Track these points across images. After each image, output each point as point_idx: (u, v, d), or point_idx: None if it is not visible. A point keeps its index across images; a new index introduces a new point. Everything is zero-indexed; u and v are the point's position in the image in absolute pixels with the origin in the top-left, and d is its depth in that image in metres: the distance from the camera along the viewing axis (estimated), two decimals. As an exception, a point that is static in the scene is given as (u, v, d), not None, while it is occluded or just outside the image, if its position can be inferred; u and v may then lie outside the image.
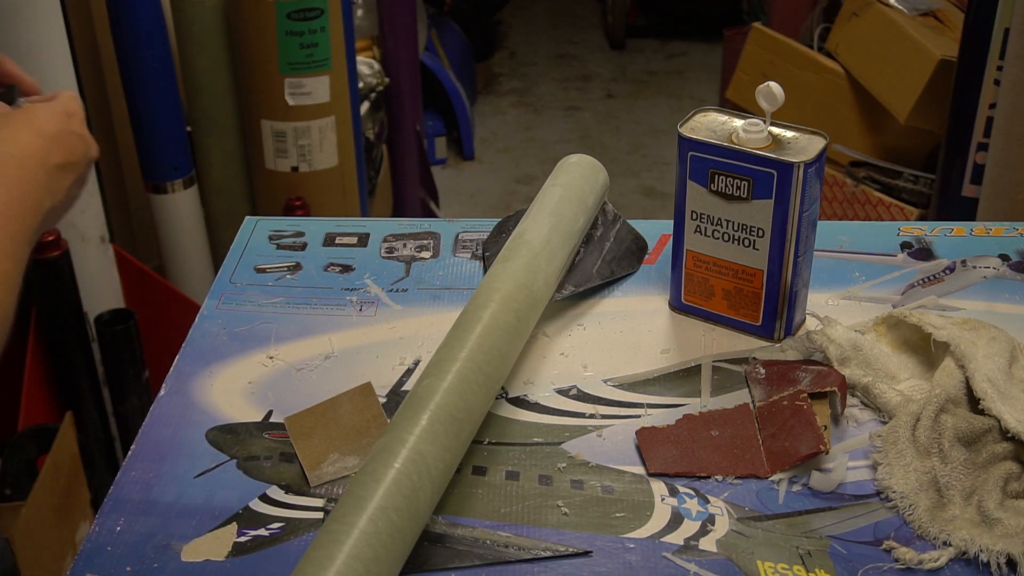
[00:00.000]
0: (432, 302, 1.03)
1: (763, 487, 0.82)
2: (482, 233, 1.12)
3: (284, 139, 2.06)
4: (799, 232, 0.92)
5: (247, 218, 1.17)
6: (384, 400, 0.90)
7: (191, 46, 2.05)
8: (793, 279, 0.95)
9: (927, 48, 2.30)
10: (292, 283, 1.06)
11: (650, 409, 0.90)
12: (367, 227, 1.15)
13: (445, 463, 0.76)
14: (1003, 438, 0.82)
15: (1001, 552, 0.75)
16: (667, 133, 3.66)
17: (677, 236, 0.99)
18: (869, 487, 0.82)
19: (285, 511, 0.80)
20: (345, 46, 2.07)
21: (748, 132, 0.93)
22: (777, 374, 0.90)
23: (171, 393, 0.92)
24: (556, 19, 4.72)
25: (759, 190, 0.91)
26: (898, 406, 0.86)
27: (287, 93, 2.02)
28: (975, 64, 1.98)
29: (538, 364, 0.95)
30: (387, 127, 2.61)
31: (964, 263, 1.07)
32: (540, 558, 0.76)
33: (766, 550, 0.76)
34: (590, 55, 4.38)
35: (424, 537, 0.76)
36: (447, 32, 3.60)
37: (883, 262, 1.08)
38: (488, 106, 3.96)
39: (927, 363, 0.93)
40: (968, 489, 0.80)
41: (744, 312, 0.97)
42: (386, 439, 0.76)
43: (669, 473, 0.83)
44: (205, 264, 2.19)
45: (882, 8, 2.45)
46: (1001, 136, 1.88)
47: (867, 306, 1.02)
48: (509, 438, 0.87)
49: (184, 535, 0.78)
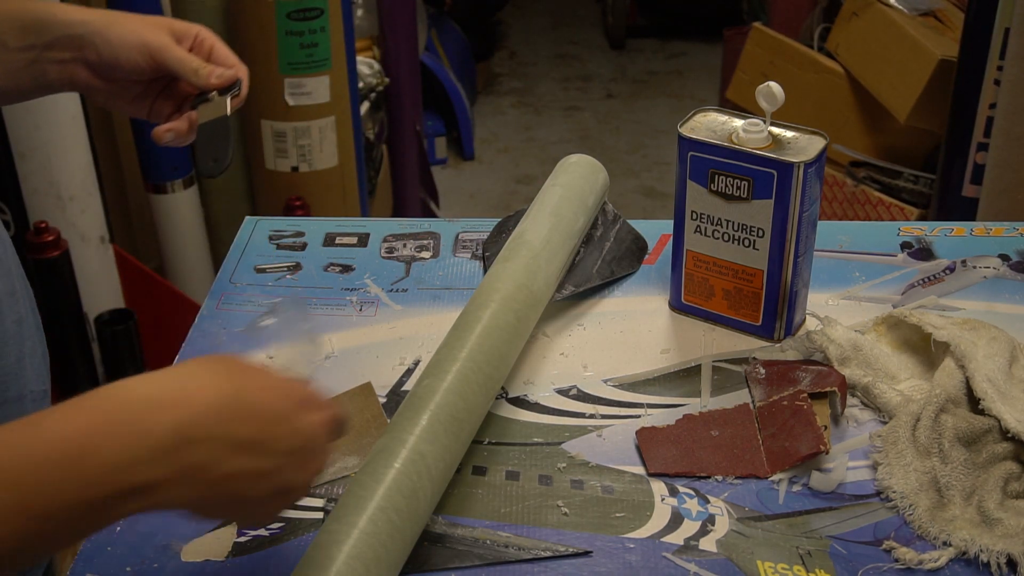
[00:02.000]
0: (432, 302, 1.03)
1: (763, 487, 0.82)
2: (482, 233, 1.12)
3: (284, 139, 2.06)
4: (799, 232, 0.92)
5: (247, 218, 1.17)
6: (384, 400, 0.90)
7: (191, 46, 2.05)
8: (793, 279, 0.95)
9: (927, 48, 2.30)
10: (292, 283, 1.06)
11: (650, 409, 0.90)
12: (367, 227, 1.15)
13: (445, 463, 0.76)
14: (1003, 438, 0.82)
15: (1001, 552, 0.75)
16: (667, 133, 3.66)
17: (677, 236, 0.99)
18: (869, 487, 0.82)
19: (285, 511, 0.80)
20: (345, 46, 2.07)
21: (748, 132, 0.93)
22: (777, 374, 0.90)
23: (171, 393, 0.92)
24: (556, 19, 4.72)
25: (759, 190, 0.91)
26: (898, 406, 0.86)
27: (287, 93, 2.02)
28: (975, 64, 1.98)
29: (538, 364, 0.95)
30: (387, 127, 2.61)
31: (964, 263, 1.07)
32: (540, 558, 0.76)
33: (766, 550, 0.76)
34: (590, 55, 4.38)
35: (424, 537, 0.76)
36: (447, 32, 3.60)
37: (883, 262, 1.08)
38: (488, 106, 3.96)
39: (927, 363, 0.92)
40: (968, 489, 0.80)
41: (744, 312, 0.97)
42: (386, 439, 0.76)
43: (669, 473, 0.83)
44: (205, 264, 2.19)
45: (882, 8, 2.45)
46: (1001, 136, 1.88)
47: (867, 306, 1.02)
48: (509, 438, 0.87)
49: (184, 535, 0.78)
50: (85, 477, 0.51)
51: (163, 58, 0.83)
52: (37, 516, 0.50)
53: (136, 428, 0.52)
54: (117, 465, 0.51)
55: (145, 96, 0.87)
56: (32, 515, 0.50)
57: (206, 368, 0.57)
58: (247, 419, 0.56)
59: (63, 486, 0.50)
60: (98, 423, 0.52)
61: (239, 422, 0.55)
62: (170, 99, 0.88)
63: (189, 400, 0.54)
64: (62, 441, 0.51)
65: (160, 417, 0.53)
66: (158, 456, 0.52)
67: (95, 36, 0.81)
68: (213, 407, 0.55)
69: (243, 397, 0.56)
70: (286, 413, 0.58)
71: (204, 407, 0.54)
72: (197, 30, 0.86)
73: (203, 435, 0.54)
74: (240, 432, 0.55)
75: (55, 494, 0.50)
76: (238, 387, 0.56)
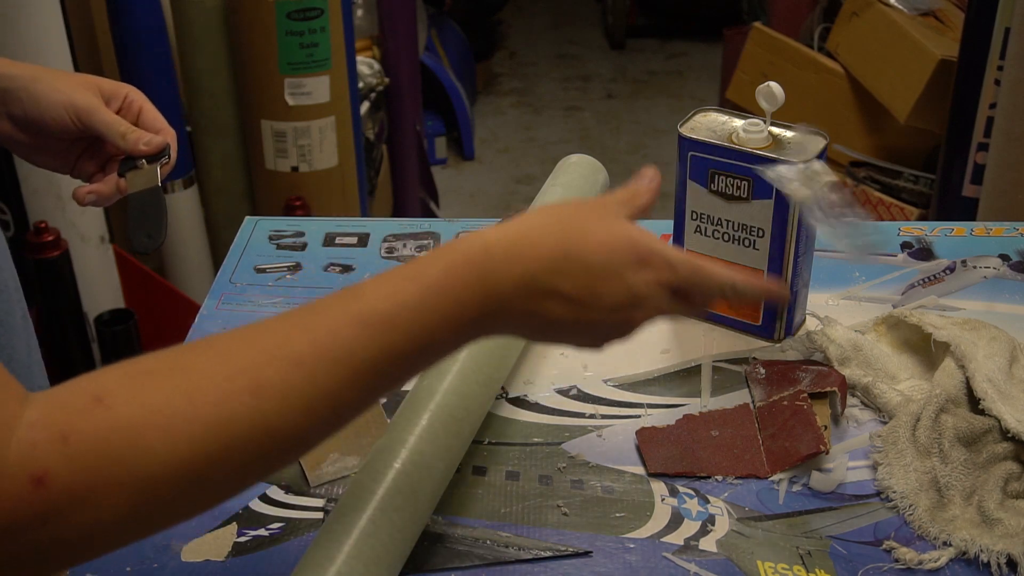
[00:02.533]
0: (432, 302, 1.03)
1: (763, 487, 0.82)
2: (482, 233, 1.12)
3: (284, 139, 2.06)
4: (799, 232, 0.92)
5: (247, 218, 1.17)
6: (384, 400, 0.90)
7: (191, 46, 2.05)
8: (793, 279, 0.95)
9: (927, 48, 2.30)
10: (292, 283, 1.06)
11: (650, 409, 0.90)
12: (367, 227, 1.15)
13: (445, 463, 0.76)
14: (1003, 438, 0.82)
15: (1001, 552, 0.75)
16: (667, 133, 3.66)
17: (677, 236, 0.99)
18: (869, 487, 0.82)
19: (285, 511, 0.80)
20: (345, 46, 2.07)
21: (748, 132, 0.92)
22: (777, 374, 0.90)
23: (171, 393, 0.92)
24: (556, 19, 4.72)
25: (759, 190, 0.91)
26: (898, 406, 0.86)
27: (287, 93, 2.02)
28: (975, 64, 1.98)
29: (538, 364, 0.95)
30: (387, 127, 2.61)
31: (964, 263, 1.07)
32: (540, 558, 0.76)
33: (766, 550, 0.76)
34: (590, 55, 4.38)
35: (424, 537, 0.76)
36: (447, 32, 3.60)
37: (883, 262, 1.08)
38: (488, 106, 3.95)
39: (927, 363, 0.92)
40: (968, 489, 0.80)
41: (744, 312, 0.97)
42: (386, 439, 0.76)
43: (669, 473, 0.83)
44: (205, 264, 2.19)
45: (882, 8, 2.45)
46: (1001, 136, 1.88)
47: (867, 306, 1.02)
48: (509, 438, 0.87)
49: (184, 535, 0.78)
50: (444, 313, 0.57)
51: (90, 120, 0.81)
52: (397, 356, 0.56)
53: (488, 279, 0.59)
54: (467, 305, 0.58)
55: (69, 153, 0.86)
56: (393, 355, 0.56)
57: (548, 220, 0.62)
58: (577, 274, 0.60)
59: (429, 319, 0.57)
60: (459, 264, 0.58)
61: (569, 277, 0.60)
62: (94, 158, 0.86)
63: (527, 256, 0.60)
64: (433, 282, 0.58)
65: (508, 269, 0.59)
66: (502, 305, 0.59)
67: (21, 92, 0.80)
68: (546, 262, 0.59)
69: (574, 253, 0.60)
70: (616, 269, 0.61)
71: (537, 263, 0.59)
72: (127, 91, 0.85)
73: (537, 289, 0.59)
74: (567, 287, 0.60)
75: (426, 326, 0.57)
76: (573, 242, 0.60)
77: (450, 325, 0.58)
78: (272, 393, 0.52)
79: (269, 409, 0.52)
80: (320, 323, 0.55)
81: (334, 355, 0.54)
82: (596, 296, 0.60)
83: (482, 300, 0.58)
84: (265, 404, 0.52)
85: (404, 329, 0.56)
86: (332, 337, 0.54)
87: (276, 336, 0.54)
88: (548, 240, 0.60)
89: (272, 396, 0.52)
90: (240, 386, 0.52)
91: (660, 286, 0.62)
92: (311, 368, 0.53)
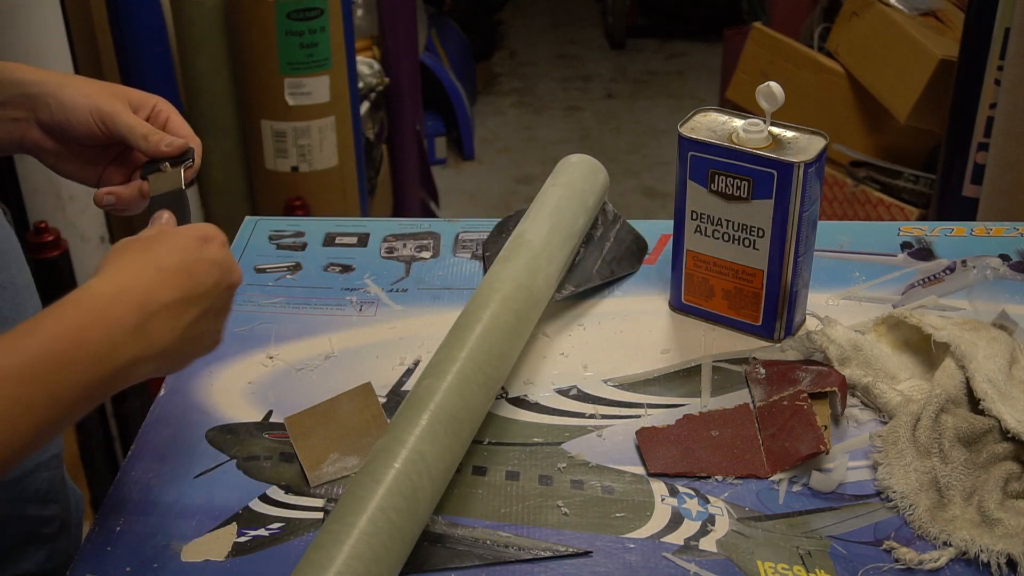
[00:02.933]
0: (432, 302, 1.03)
1: (763, 487, 0.82)
2: (482, 233, 1.12)
3: (284, 139, 2.06)
4: (799, 232, 0.92)
5: (247, 218, 1.17)
6: (384, 400, 0.90)
7: (191, 46, 2.05)
8: (793, 279, 0.95)
9: (927, 48, 2.30)
10: (292, 283, 1.06)
11: (650, 409, 0.90)
12: (367, 227, 1.15)
13: (445, 463, 0.76)
14: (1003, 438, 0.82)
15: (1001, 552, 0.75)
16: (667, 133, 3.66)
17: (677, 236, 0.99)
18: (869, 487, 0.82)
19: (285, 511, 0.80)
20: (345, 46, 2.07)
21: (748, 132, 0.92)
22: (777, 374, 0.90)
23: (171, 393, 0.92)
24: (556, 19, 4.72)
25: (759, 190, 0.91)
26: (898, 406, 0.86)
27: (287, 93, 2.02)
28: (975, 64, 1.98)
29: (538, 364, 0.95)
30: (387, 127, 2.61)
31: (964, 263, 1.07)
32: (540, 558, 0.76)
33: (766, 550, 0.76)
34: (590, 55, 4.38)
35: (424, 537, 0.76)
36: (447, 32, 3.60)
37: (883, 262, 1.08)
38: (488, 106, 3.96)
39: (927, 363, 0.92)
40: (968, 489, 0.80)
41: (744, 312, 0.97)
42: (386, 439, 0.76)
43: (669, 473, 0.83)
44: (205, 264, 2.18)
45: (882, 8, 2.45)
46: (1001, 136, 1.88)
47: (867, 306, 1.02)
48: (509, 438, 0.87)
49: (184, 535, 0.78)
50: (82, 361, 0.62)
51: (113, 123, 0.81)
52: (47, 404, 0.60)
53: (110, 316, 0.64)
54: (112, 344, 0.64)
55: (97, 162, 0.85)
56: (45, 403, 0.60)
57: (129, 256, 0.69)
58: (176, 277, 0.68)
59: (65, 374, 0.61)
60: (83, 318, 0.63)
61: (172, 284, 0.68)
62: (122, 167, 0.86)
63: (133, 287, 0.66)
64: (58, 338, 0.62)
65: (127, 302, 0.65)
66: (132, 334, 0.65)
67: (48, 97, 0.80)
68: (153, 281, 0.67)
69: (163, 263, 0.68)
70: (196, 256, 0.70)
71: (146, 284, 0.67)
72: (155, 101, 0.85)
73: (157, 306, 0.66)
74: (177, 291, 0.68)
75: (61, 381, 0.61)
76: (156, 257, 0.69)
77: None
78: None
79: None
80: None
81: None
82: (200, 283, 0.70)
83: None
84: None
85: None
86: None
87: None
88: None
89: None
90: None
91: (223, 245, 0.74)
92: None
